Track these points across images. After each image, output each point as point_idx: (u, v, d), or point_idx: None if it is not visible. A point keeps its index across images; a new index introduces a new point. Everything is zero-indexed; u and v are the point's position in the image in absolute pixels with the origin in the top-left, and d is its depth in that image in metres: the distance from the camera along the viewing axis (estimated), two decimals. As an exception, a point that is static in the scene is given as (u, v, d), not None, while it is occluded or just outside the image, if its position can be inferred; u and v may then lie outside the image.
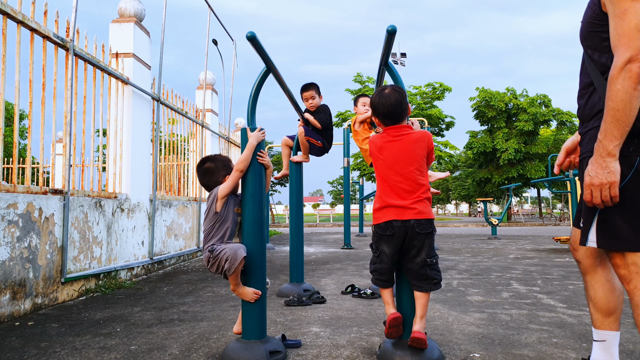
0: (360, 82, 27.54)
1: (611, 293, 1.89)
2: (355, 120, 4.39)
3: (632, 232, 1.61)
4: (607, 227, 1.64)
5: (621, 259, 1.66)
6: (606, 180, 1.60)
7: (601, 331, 1.91)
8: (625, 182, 1.60)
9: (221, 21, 8.28)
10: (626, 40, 1.53)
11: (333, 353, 2.54)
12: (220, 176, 2.58)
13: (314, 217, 42.89)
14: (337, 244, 10.56)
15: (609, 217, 1.64)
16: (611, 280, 1.91)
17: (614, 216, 1.63)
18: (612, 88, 1.56)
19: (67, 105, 4.32)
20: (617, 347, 1.89)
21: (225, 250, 2.40)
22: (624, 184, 1.60)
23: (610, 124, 1.58)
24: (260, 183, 2.56)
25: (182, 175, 7.72)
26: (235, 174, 2.48)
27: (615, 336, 1.89)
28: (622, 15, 1.54)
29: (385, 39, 2.34)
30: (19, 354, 2.58)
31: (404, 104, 2.35)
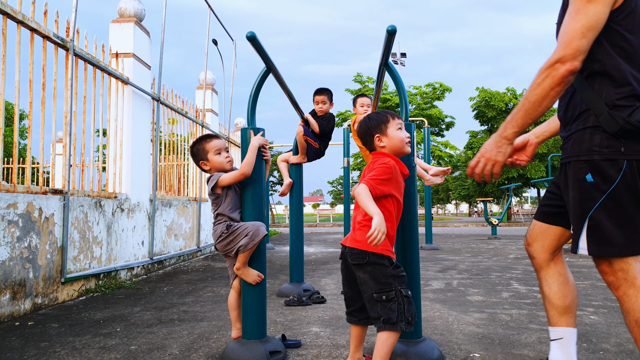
0: (360, 82, 27.54)
1: (565, 287, 1.87)
2: (355, 120, 4.39)
3: (622, 238, 1.57)
4: (598, 234, 1.60)
5: (608, 266, 1.62)
6: (494, 158, 1.66)
7: (558, 328, 1.86)
8: (614, 186, 1.56)
9: (221, 21, 8.28)
10: (567, 38, 1.51)
11: (333, 353, 2.54)
12: (198, 161, 2.60)
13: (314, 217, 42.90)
14: (337, 244, 10.56)
15: (599, 223, 1.59)
16: (565, 274, 1.89)
17: (604, 222, 1.58)
18: (535, 80, 1.57)
19: (67, 105, 4.32)
20: (574, 345, 1.84)
21: (246, 226, 2.43)
22: (613, 188, 1.56)
23: (519, 111, 1.62)
24: (261, 183, 2.56)
25: (182, 175, 7.72)
26: (238, 176, 2.49)
27: (573, 333, 1.85)
28: (574, 13, 1.52)
29: (385, 39, 2.34)
30: (19, 354, 2.58)
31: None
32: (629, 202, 1.56)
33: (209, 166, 2.59)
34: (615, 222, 1.57)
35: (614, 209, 1.57)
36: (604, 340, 2.74)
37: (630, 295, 1.58)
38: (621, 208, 1.57)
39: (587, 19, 1.49)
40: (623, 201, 1.56)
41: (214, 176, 2.54)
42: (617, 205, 1.57)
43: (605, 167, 1.56)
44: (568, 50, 1.50)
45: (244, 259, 2.45)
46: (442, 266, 6.30)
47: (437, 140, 28.00)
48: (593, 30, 1.50)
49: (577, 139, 1.63)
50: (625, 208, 1.56)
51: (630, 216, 1.57)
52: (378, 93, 3.34)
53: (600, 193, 1.58)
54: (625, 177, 1.55)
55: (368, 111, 4.32)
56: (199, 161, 2.61)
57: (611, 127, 1.53)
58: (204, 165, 2.60)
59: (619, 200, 1.56)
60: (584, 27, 1.49)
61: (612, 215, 1.57)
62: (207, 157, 2.58)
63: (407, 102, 2.58)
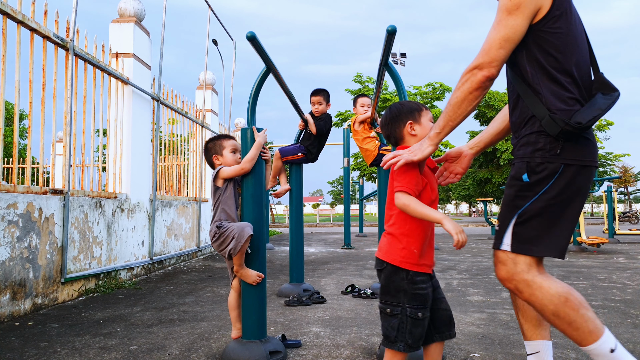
0: (360, 82, 27.54)
1: None
2: (355, 120, 4.39)
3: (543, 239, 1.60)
4: (522, 232, 1.62)
5: (505, 262, 1.65)
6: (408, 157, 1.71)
7: (533, 342, 1.80)
8: (546, 188, 1.59)
9: (221, 21, 8.28)
10: (487, 47, 1.59)
11: (333, 353, 2.54)
12: (210, 155, 2.67)
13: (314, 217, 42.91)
14: (337, 244, 10.56)
15: (525, 222, 1.62)
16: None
17: (530, 221, 1.61)
18: (457, 84, 1.65)
19: (67, 105, 4.32)
20: (551, 358, 1.79)
21: (232, 228, 2.45)
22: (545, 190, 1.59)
23: (443, 113, 1.70)
24: (261, 183, 2.56)
25: (182, 175, 7.72)
26: (238, 170, 2.52)
27: (548, 346, 1.79)
28: (495, 24, 1.60)
29: (385, 39, 2.34)
30: (19, 354, 2.58)
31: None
32: (556, 205, 1.60)
33: (220, 161, 2.64)
34: (541, 223, 1.61)
35: (541, 211, 1.60)
36: (604, 340, 2.74)
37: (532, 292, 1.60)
38: (548, 210, 1.60)
39: (506, 31, 1.57)
40: (551, 204, 1.60)
41: (217, 168, 2.60)
42: (545, 207, 1.60)
43: (541, 169, 1.60)
44: (486, 58, 1.59)
45: (239, 261, 2.47)
46: (442, 266, 6.30)
47: (437, 141, 27.96)
48: (510, 41, 1.58)
49: (524, 142, 1.65)
50: (551, 211, 1.60)
51: (554, 219, 1.61)
52: (378, 93, 3.34)
53: (532, 193, 1.61)
54: (559, 181, 1.58)
55: (368, 111, 4.32)
56: (212, 154, 2.66)
57: (552, 129, 1.57)
58: (215, 159, 2.65)
59: (548, 203, 1.60)
60: (502, 39, 1.58)
61: (539, 216, 1.61)
62: (222, 152, 2.64)
63: (407, 102, 2.58)
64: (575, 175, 1.59)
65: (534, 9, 1.57)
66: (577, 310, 1.55)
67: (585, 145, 1.60)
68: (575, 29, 1.63)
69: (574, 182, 1.59)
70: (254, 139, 2.56)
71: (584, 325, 1.55)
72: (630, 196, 52.29)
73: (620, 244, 9.96)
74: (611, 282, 4.88)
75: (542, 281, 1.59)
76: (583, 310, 1.56)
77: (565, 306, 1.55)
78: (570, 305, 1.56)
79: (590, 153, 1.61)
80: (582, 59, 1.64)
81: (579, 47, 1.63)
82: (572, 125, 1.53)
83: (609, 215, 10.76)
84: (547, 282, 1.59)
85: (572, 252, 8.18)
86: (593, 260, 6.85)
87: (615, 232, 10.63)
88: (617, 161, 32.70)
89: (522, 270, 1.62)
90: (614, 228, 10.67)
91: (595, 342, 1.55)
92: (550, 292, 1.57)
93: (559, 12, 1.59)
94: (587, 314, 1.56)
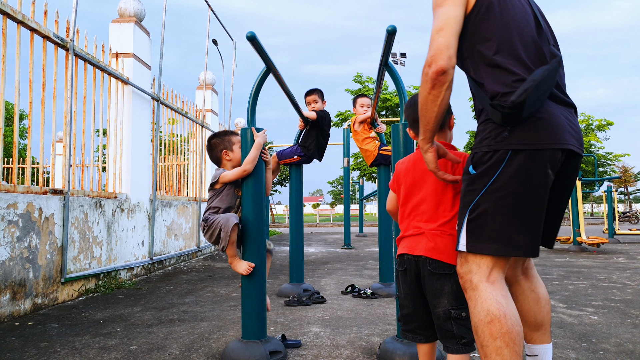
0: (360, 82, 27.51)
1: (537, 304, 1.73)
2: (355, 120, 4.39)
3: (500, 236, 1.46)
4: (476, 229, 1.49)
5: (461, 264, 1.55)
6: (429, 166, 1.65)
7: (532, 346, 1.74)
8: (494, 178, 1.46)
9: (221, 21, 8.28)
10: (430, 43, 1.51)
11: (333, 353, 2.54)
12: (219, 150, 2.68)
13: (314, 217, 42.91)
14: (337, 244, 10.57)
15: (477, 218, 1.49)
16: (536, 290, 1.74)
17: (482, 217, 1.48)
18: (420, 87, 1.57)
19: (67, 105, 4.32)
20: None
21: (218, 219, 2.49)
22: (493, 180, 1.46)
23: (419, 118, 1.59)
24: (261, 183, 2.56)
25: (182, 175, 7.72)
26: (240, 172, 2.53)
27: (547, 349, 1.72)
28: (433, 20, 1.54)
29: (385, 39, 2.34)
30: (19, 354, 2.58)
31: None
32: (510, 196, 1.44)
33: (230, 157, 2.66)
34: (495, 219, 1.46)
35: (494, 204, 1.45)
36: (604, 340, 2.74)
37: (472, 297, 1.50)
38: (501, 203, 1.45)
39: (438, 21, 1.50)
40: (504, 195, 1.44)
41: (219, 171, 2.61)
42: (497, 199, 1.45)
43: (487, 159, 1.47)
44: (430, 53, 1.48)
45: (231, 252, 2.51)
46: (442, 266, 6.30)
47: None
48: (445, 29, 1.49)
49: (477, 134, 1.57)
50: (506, 203, 1.45)
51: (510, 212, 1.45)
52: (378, 93, 3.33)
53: (481, 185, 1.48)
54: (508, 168, 1.44)
55: (368, 111, 4.32)
56: (221, 149, 2.66)
57: (496, 117, 1.46)
58: (226, 155, 2.66)
59: (499, 194, 1.45)
60: (437, 28, 1.49)
61: (492, 211, 1.46)
62: (232, 147, 2.66)
63: (407, 102, 2.58)
64: (525, 161, 1.43)
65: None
66: (495, 338, 1.40)
67: (536, 127, 1.44)
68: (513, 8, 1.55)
69: (526, 169, 1.43)
70: (254, 140, 2.56)
71: (492, 356, 1.41)
72: (630, 196, 52.30)
73: (620, 244, 9.97)
74: (611, 282, 4.88)
75: (485, 290, 1.47)
76: (501, 342, 1.40)
77: (486, 326, 1.42)
78: (492, 329, 1.41)
79: (542, 135, 1.43)
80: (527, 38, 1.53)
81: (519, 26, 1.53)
82: (508, 107, 1.41)
83: (609, 215, 10.77)
84: (489, 294, 1.46)
85: (572, 252, 8.18)
86: (593, 260, 6.85)
87: (615, 232, 10.63)
88: (617, 161, 32.67)
89: (470, 270, 1.51)
90: (614, 228, 10.68)
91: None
92: (484, 305, 1.44)
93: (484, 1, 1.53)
94: (504, 350, 1.39)
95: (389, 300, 3.95)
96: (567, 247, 9.16)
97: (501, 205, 1.45)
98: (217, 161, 2.72)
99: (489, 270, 1.49)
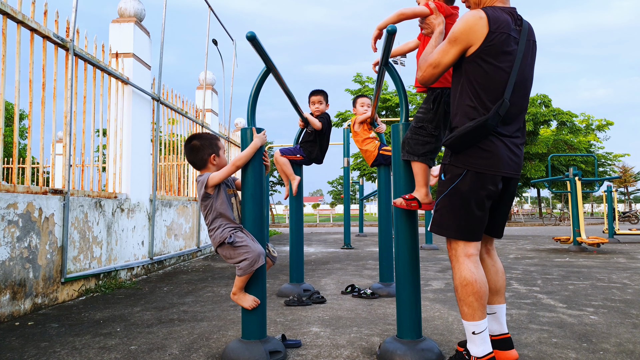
0: (360, 82, 27.50)
1: (496, 275, 2.33)
2: (355, 120, 4.39)
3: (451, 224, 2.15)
4: (438, 218, 2.19)
5: (448, 244, 2.21)
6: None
7: (492, 305, 2.32)
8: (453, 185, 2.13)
9: (221, 21, 8.28)
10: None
11: (333, 353, 2.54)
12: (206, 154, 2.61)
13: (314, 217, 42.89)
14: (337, 244, 10.56)
15: (440, 209, 2.19)
16: (496, 265, 2.35)
17: (443, 210, 2.18)
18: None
19: (67, 105, 4.32)
20: (504, 317, 2.33)
21: (248, 249, 2.43)
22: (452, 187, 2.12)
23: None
24: (261, 183, 2.56)
25: (182, 175, 7.72)
26: (231, 169, 2.49)
27: (502, 308, 2.32)
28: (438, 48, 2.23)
29: (385, 39, 2.34)
30: (19, 354, 2.58)
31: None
32: (461, 199, 2.11)
33: (217, 162, 2.62)
34: (449, 212, 2.15)
35: (450, 202, 2.15)
36: (604, 340, 2.75)
37: (455, 267, 2.17)
38: (455, 202, 2.13)
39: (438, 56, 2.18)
40: (457, 197, 2.12)
41: (204, 176, 2.53)
42: (452, 200, 2.14)
43: (451, 171, 2.15)
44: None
45: (241, 284, 2.46)
46: (442, 266, 6.30)
47: (437, 140, 27.93)
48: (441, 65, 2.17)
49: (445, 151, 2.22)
50: (457, 203, 2.12)
51: (459, 210, 2.12)
52: (378, 93, 3.33)
53: (445, 188, 2.16)
54: (463, 181, 2.10)
55: (368, 111, 4.32)
56: (209, 154, 2.60)
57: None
58: (213, 160, 2.61)
59: (454, 197, 2.13)
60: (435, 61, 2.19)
61: (448, 206, 2.15)
62: (219, 153, 2.62)
63: (408, 102, 2.58)
64: (475, 179, 2.09)
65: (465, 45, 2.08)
66: (468, 295, 2.10)
67: (482, 157, 2.08)
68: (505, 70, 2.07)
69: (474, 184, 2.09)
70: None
71: (463, 307, 2.13)
72: (630, 196, 52.28)
73: (620, 244, 9.96)
74: (611, 282, 4.88)
75: (463, 262, 2.14)
76: (471, 298, 2.10)
77: (463, 288, 2.12)
78: (466, 289, 2.11)
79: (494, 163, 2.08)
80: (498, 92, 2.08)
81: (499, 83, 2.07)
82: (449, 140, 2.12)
83: (609, 215, 10.76)
84: (465, 265, 2.13)
85: (572, 252, 8.18)
86: (593, 260, 6.85)
87: (615, 232, 10.62)
88: (617, 161, 32.69)
89: (454, 248, 2.18)
90: (614, 228, 10.67)
91: (467, 321, 2.12)
92: (461, 273, 2.13)
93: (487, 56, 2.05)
94: (474, 304, 2.10)
95: (389, 300, 3.95)
96: (567, 247, 9.16)
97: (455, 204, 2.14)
98: (201, 163, 2.62)
99: (465, 248, 2.15)
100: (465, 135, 2.06)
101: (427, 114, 2.42)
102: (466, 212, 2.11)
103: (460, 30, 2.07)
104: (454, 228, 2.14)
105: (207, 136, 2.67)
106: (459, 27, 2.08)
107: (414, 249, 2.47)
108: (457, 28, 2.09)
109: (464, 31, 2.07)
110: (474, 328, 2.10)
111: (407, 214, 2.48)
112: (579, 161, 27.60)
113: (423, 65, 2.18)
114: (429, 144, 2.40)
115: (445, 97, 2.41)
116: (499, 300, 2.33)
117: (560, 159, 27.51)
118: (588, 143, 29.05)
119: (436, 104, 2.41)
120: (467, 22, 2.07)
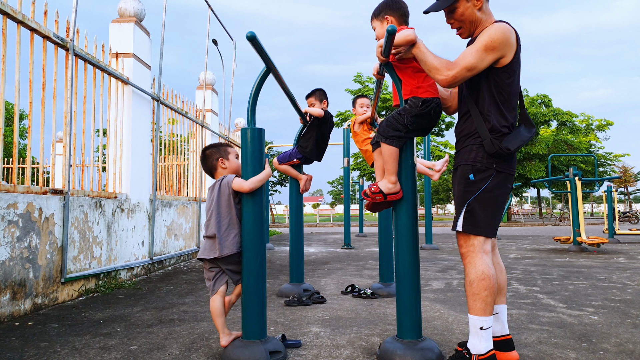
0: (360, 82, 27.51)
1: (500, 273, 2.38)
2: (355, 121, 4.38)
3: (485, 222, 2.21)
4: (471, 217, 2.22)
5: (465, 240, 2.25)
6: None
7: (494, 305, 2.33)
8: (485, 186, 2.21)
9: (221, 21, 8.28)
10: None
11: (333, 353, 2.54)
12: (214, 159, 2.71)
13: (314, 217, 42.89)
14: (337, 244, 10.56)
15: (472, 209, 2.22)
16: (500, 263, 2.41)
17: (476, 209, 2.21)
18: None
19: (67, 105, 4.32)
20: (506, 317, 2.37)
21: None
22: (484, 187, 2.21)
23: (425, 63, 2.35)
24: (261, 189, 2.56)
25: (182, 175, 7.72)
26: (245, 188, 2.51)
27: (504, 308, 2.37)
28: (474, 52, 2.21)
29: (386, 39, 2.34)
30: (19, 354, 2.58)
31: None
32: (491, 199, 2.22)
33: (226, 165, 2.70)
34: (484, 211, 2.22)
35: (483, 201, 2.22)
36: (604, 340, 2.75)
37: (471, 263, 2.20)
38: (488, 202, 2.22)
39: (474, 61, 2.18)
40: (488, 197, 2.22)
41: (229, 177, 2.59)
42: (484, 199, 2.22)
43: (482, 171, 2.22)
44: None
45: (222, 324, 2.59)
46: (442, 266, 6.30)
47: (437, 141, 27.98)
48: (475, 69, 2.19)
49: (467, 150, 2.27)
50: (490, 202, 2.22)
51: (491, 208, 2.22)
52: (378, 93, 3.33)
53: (476, 189, 2.22)
54: (493, 182, 2.22)
55: (367, 112, 4.31)
56: (217, 158, 2.70)
57: (490, 149, 2.19)
58: (222, 163, 2.69)
59: (486, 196, 2.22)
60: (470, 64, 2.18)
61: (481, 206, 2.22)
62: (228, 157, 2.71)
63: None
64: (503, 179, 2.23)
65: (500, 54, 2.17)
66: (484, 289, 2.16)
67: (510, 159, 2.26)
68: (518, 80, 2.28)
69: (502, 184, 2.23)
70: (254, 140, 2.56)
71: (476, 301, 2.17)
72: (630, 196, 52.28)
73: (620, 244, 9.96)
74: (611, 282, 4.88)
75: (481, 258, 2.20)
76: (485, 293, 2.16)
77: (480, 282, 2.17)
78: (483, 284, 2.17)
79: (513, 165, 2.28)
80: (516, 99, 2.28)
81: (516, 92, 2.27)
82: (503, 150, 2.18)
83: (609, 215, 10.76)
84: (483, 260, 2.20)
85: (572, 252, 8.18)
86: (593, 260, 6.85)
87: (615, 232, 10.62)
88: (617, 161, 32.66)
89: (472, 244, 2.22)
90: (614, 228, 10.67)
91: (475, 316, 2.17)
92: (479, 267, 2.18)
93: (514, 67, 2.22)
94: (487, 298, 2.16)
95: (389, 300, 3.95)
96: (567, 247, 9.16)
97: (487, 203, 2.22)
98: (212, 169, 2.73)
99: (483, 244, 2.22)
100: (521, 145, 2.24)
101: (414, 109, 2.41)
102: (498, 210, 2.24)
103: (499, 40, 2.15)
104: (488, 226, 2.22)
105: (216, 144, 2.79)
106: (497, 37, 2.14)
107: (414, 249, 2.47)
108: (495, 37, 2.14)
109: (502, 41, 2.15)
110: (483, 323, 2.15)
111: (407, 214, 2.48)
112: (579, 161, 27.59)
113: (454, 67, 2.15)
114: (399, 131, 2.41)
115: (436, 107, 2.45)
116: (501, 300, 2.37)
117: (560, 159, 27.50)
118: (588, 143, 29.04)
119: (426, 107, 2.41)
120: (504, 33, 2.16)
